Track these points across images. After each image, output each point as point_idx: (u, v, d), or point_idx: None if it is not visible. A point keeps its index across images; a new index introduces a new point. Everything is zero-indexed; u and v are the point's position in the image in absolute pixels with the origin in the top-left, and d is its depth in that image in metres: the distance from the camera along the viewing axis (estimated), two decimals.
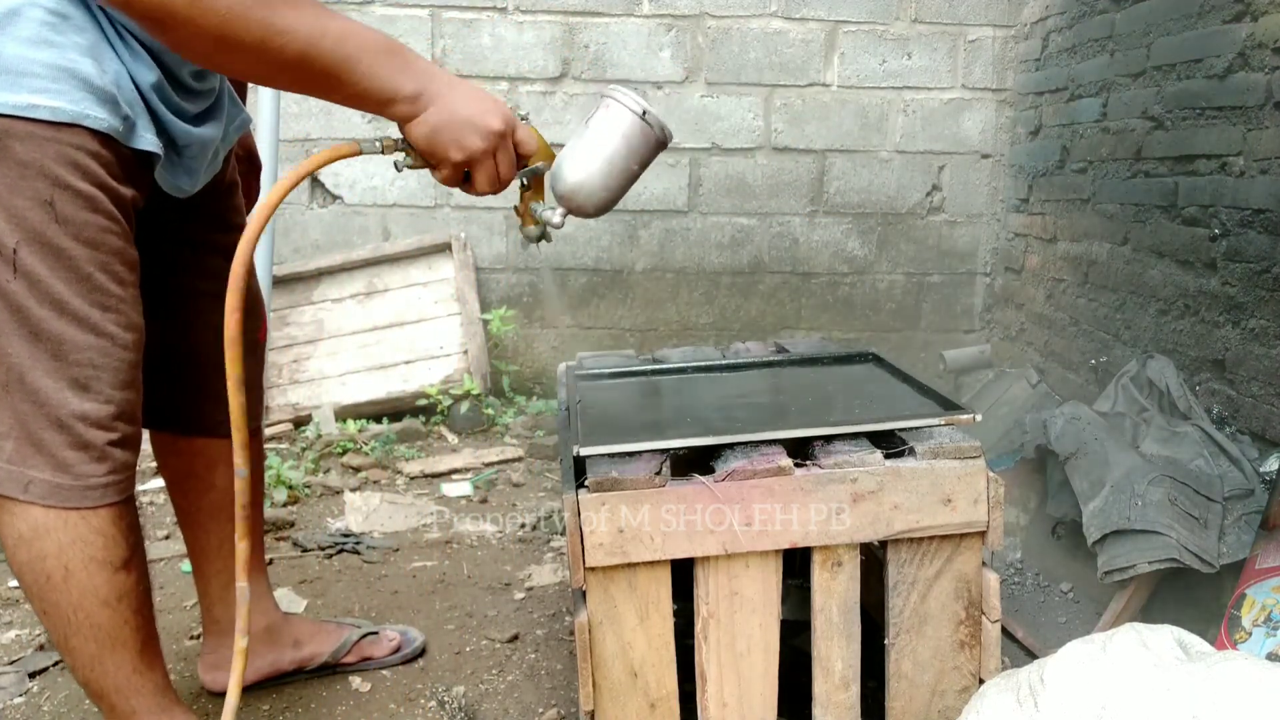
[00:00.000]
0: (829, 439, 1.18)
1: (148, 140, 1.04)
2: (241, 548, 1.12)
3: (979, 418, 1.21)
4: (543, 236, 1.14)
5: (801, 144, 3.29)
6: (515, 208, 1.13)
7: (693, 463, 1.17)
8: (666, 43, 3.18)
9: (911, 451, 1.14)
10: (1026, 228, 3.14)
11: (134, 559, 1.10)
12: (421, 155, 1.03)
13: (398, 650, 1.61)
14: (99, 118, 0.98)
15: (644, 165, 1.10)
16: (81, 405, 1.01)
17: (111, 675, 1.11)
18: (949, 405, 1.25)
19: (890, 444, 1.17)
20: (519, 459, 2.80)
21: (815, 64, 3.23)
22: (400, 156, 1.04)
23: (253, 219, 1.02)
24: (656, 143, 1.09)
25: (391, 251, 3.19)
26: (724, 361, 1.59)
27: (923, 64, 3.26)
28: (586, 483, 1.08)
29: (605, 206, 1.10)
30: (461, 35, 3.10)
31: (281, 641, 1.52)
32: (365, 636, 1.60)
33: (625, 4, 3.13)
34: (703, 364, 1.58)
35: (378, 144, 1.03)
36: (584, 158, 1.07)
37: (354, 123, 3.12)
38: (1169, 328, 2.27)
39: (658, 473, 1.09)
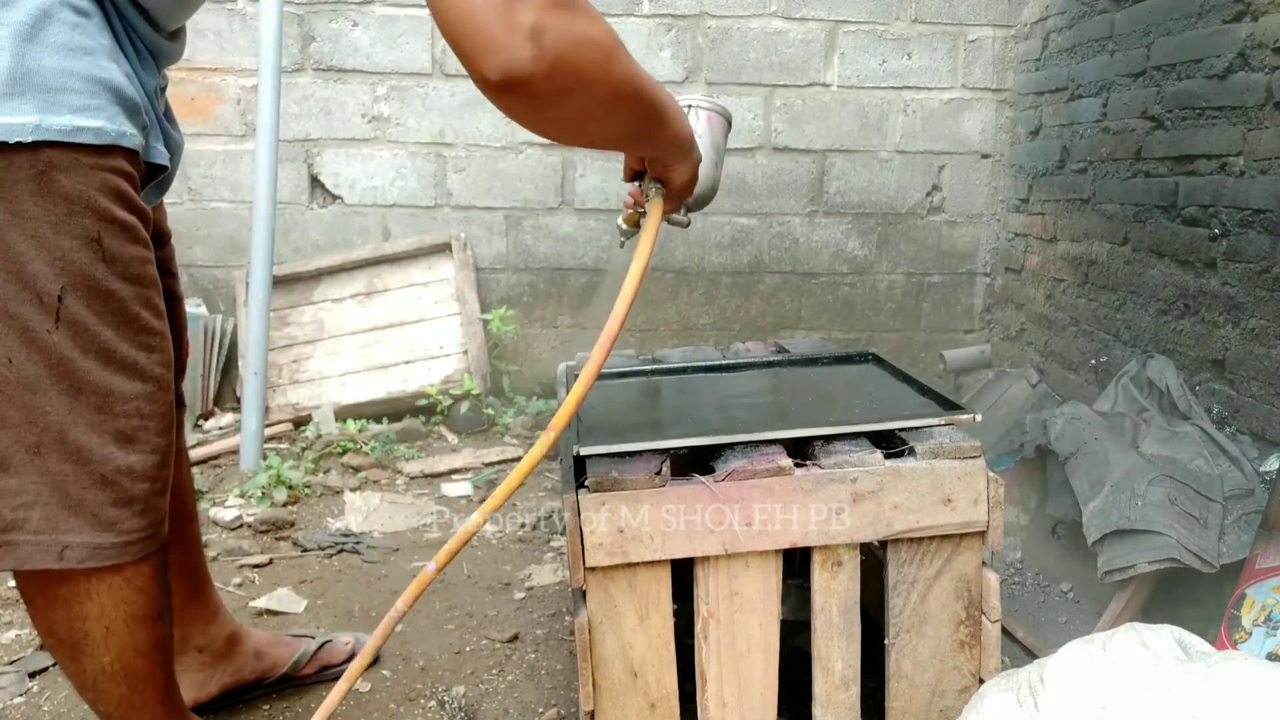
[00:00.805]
0: (829, 439, 1.18)
1: (159, 153, 0.96)
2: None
3: (979, 418, 1.21)
4: (687, 224, 1.29)
5: (801, 144, 3.29)
6: (633, 208, 1.23)
7: (693, 463, 1.17)
8: (666, 42, 3.18)
9: (911, 451, 1.14)
10: (1026, 228, 3.14)
11: (169, 605, 1.06)
12: (677, 196, 1.14)
13: (354, 655, 1.57)
14: (133, 135, 0.89)
15: (725, 147, 1.29)
16: (128, 459, 0.93)
17: (139, 711, 1.07)
18: (949, 405, 1.25)
19: (890, 444, 1.17)
20: (519, 459, 2.80)
21: (815, 64, 3.23)
22: (676, 215, 1.21)
23: None
24: (727, 124, 1.27)
25: (391, 251, 3.19)
26: (724, 361, 1.59)
27: (923, 64, 3.26)
28: (586, 483, 1.08)
29: (714, 192, 1.29)
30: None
31: (243, 653, 1.48)
32: (323, 646, 1.57)
33: (625, 4, 3.13)
34: (703, 364, 1.58)
35: (623, 230, 1.28)
36: (704, 169, 1.20)
37: (353, 123, 3.12)
38: (1169, 328, 2.27)
39: (658, 473, 1.09)
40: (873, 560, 1.29)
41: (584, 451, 1.13)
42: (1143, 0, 2.39)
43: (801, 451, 1.17)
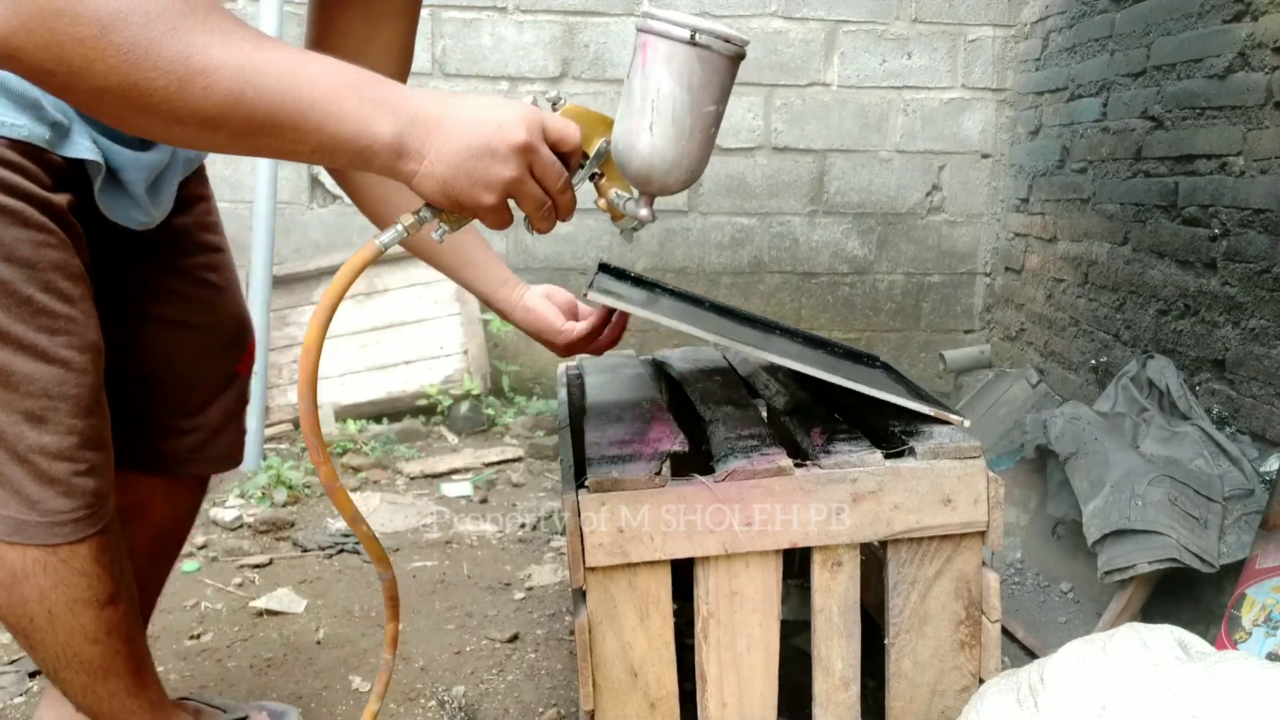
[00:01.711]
0: (829, 440, 1.18)
1: (84, 148, 0.92)
2: (390, 628, 1.12)
3: (967, 423, 1.21)
4: (635, 229, 0.95)
5: (801, 144, 3.29)
6: (597, 203, 0.94)
7: (693, 463, 1.17)
8: None
9: (911, 451, 1.14)
10: (1026, 228, 3.14)
11: (120, 591, 1.04)
12: (451, 213, 0.82)
13: None
14: (17, 124, 0.86)
15: (723, 98, 0.84)
16: (40, 439, 0.93)
17: (106, 702, 1.08)
18: (943, 412, 1.24)
19: (890, 444, 1.17)
20: (519, 459, 2.80)
21: (815, 64, 3.23)
22: (436, 227, 0.84)
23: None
24: (727, 62, 0.81)
25: (392, 251, 3.19)
26: (746, 313, 1.51)
27: (923, 64, 3.26)
28: (586, 483, 1.08)
29: (693, 173, 0.86)
30: (461, 35, 3.10)
31: None
32: None
33: (625, 4, 3.13)
34: (723, 305, 1.50)
35: (402, 229, 0.82)
36: (638, 129, 0.82)
37: None
38: (1169, 328, 2.27)
39: (658, 473, 1.09)
40: (873, 560, 1.29)
41: (592, 296, 1.09)
42: (1143, 0, 2.39)
43: (801, 451, 1.17)
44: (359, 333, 3.17)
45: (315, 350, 0.83)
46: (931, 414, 1.20)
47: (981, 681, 1.18)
